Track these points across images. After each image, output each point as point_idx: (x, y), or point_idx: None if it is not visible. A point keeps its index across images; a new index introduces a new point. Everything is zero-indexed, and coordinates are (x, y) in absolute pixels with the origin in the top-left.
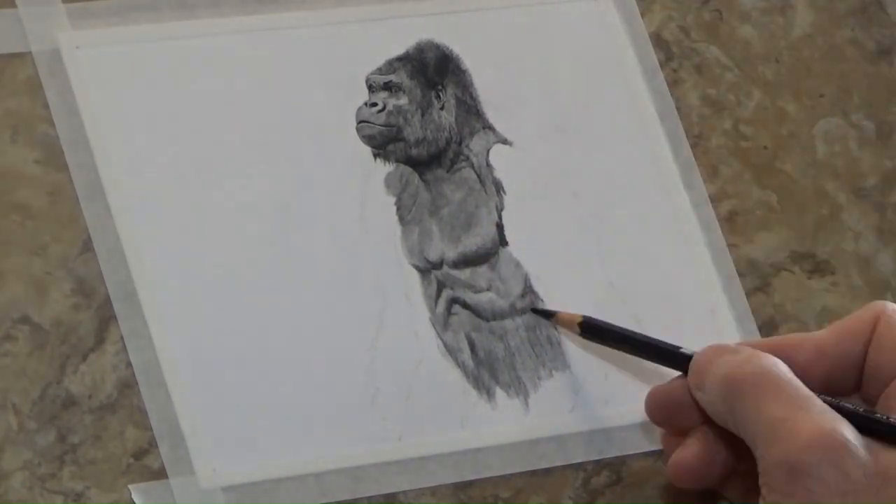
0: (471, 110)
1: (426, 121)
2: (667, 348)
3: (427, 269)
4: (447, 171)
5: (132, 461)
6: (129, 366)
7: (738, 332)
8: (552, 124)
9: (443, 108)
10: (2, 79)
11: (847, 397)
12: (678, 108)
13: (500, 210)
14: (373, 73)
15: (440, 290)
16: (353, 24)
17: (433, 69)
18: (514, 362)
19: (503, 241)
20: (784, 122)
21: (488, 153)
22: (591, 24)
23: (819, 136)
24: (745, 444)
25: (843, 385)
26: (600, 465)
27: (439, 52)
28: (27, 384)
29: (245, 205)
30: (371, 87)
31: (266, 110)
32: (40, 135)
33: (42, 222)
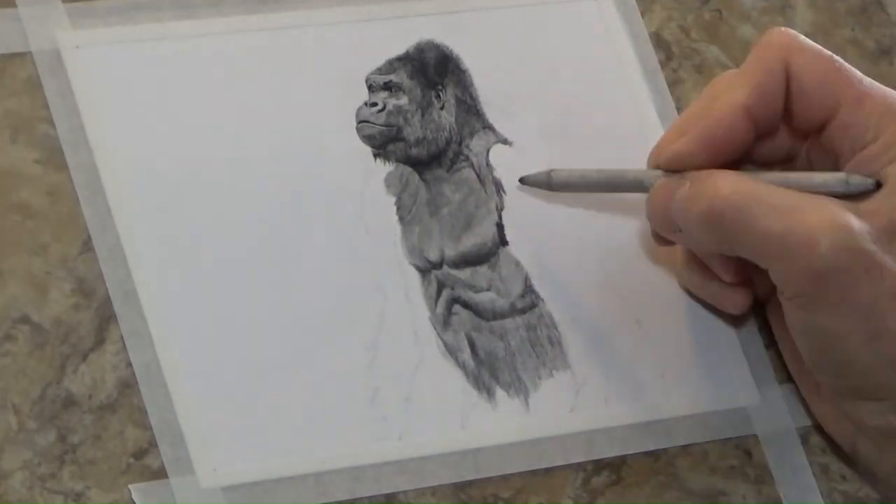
0: (471, 110)
1: (426, 121)
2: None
3: (427, 268)
4: (447, 171)
5: (132, 461)
6: (129, 366)
7: (738, 332)
8: (552, 124)
9: (443, 108)
10: (2, 79)
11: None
12: (678, 108)
13: (500, 210)
14: (373, 73)
15: (440, 290)
16: (353, 24)
17: (433, 69)
18: (515, 362)
19: (503, 241)
20: None
21: (488, 153)
22: (591, 24)
23: None
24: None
25: (771, 130)
26: (600, 465)
27: (439, 52)
28: (27, 384)
29: (245, 204)
30: (371, 87)
31: (266, 110)
32: (40, 135)
33: (42, 222)
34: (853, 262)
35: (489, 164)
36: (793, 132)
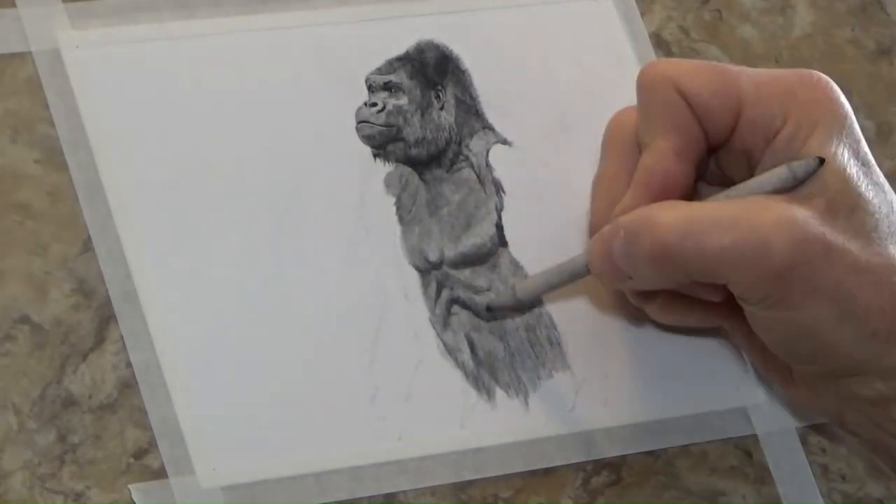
0: (470, 110)
1: (426, 121)
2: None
3: (427, 269)
4: (447, 171)
5: (132, 461)
6: (129, 366)
7: None
8: (552, 124)
9: (442, 109)
10: (2, 79)
11: None
12: None
13: (499, 210)
14: (373, 73)
15: (440, 290)
16: (353, 24)
17: (433, 69)
18: (514, 362)
19: (503, 241)
20: None
21: (488, 153)
22: (591, 24)
23: None
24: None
25: (704, 154)
26: (600, 465)
27: (439, 52)
28: (27, 384)
29: (245, 204)
30: (371, 87)
31: (266, 110)
32: (40, 135)
33: (42, 222)
34: (810, 252)
35: (489, 165)
36: (710, 147)
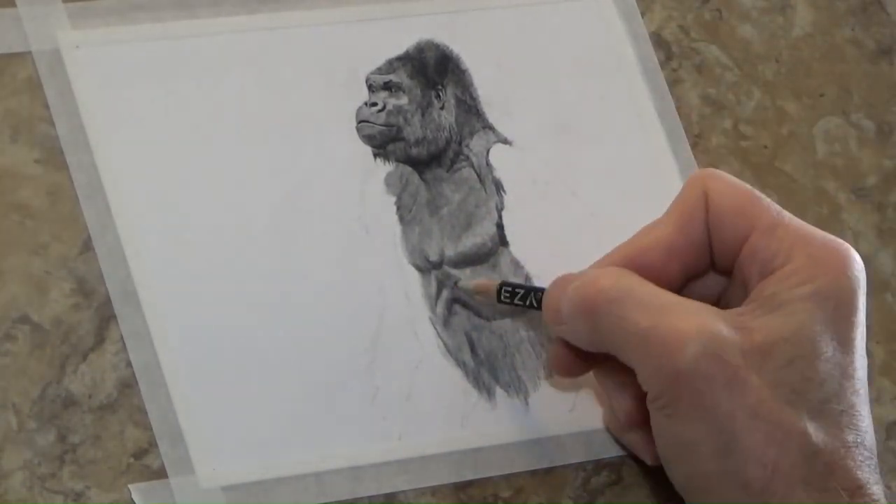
0: (471, 110)
1: (426, 120)
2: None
3: (427, 268)
4: (447, 171)
5: (132, 461)
6: (129, 366)
7: None
8: (552, 124)
9: (443, 108)
10: (2, 79)
11: (706, 275)
12: (678, 108)
13: (500, 210)
14: (373, 73)
15: (440, 290)
16: (353, 24)
17: (433, 69)
18: (515, 362)
19: (503, 241)
20: (784, 121)
21: (488, 153)
22: (591, 23)
23: (819, 136)
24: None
25: (700, 267)
26: (600, 465)
27: (439, 51)
28: (27, 384)
29: (245, 204)
30: (371, 87)
31: (266, 110)
32: (40, 135)
33: (42, 222)
34: (715, 371)
35: (489, 164)
36: (717, 270)
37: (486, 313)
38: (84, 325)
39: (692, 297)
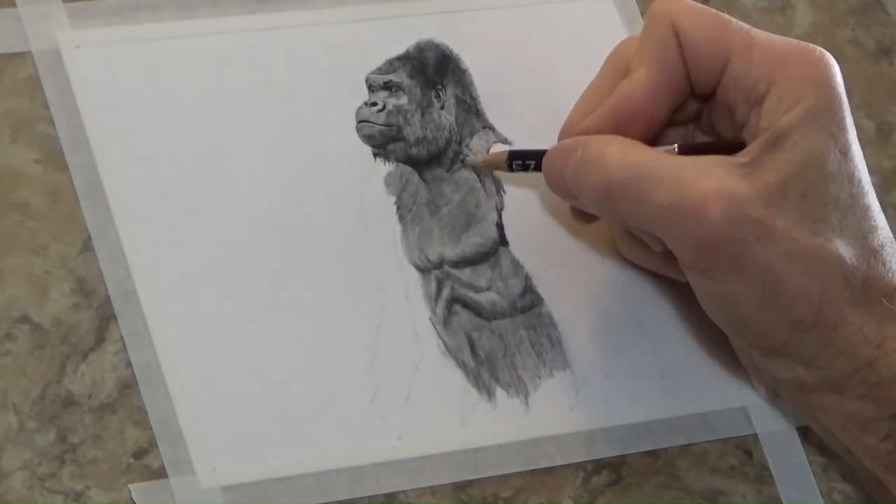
0: (471, 110)
1: (426, 120)
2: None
3: (427, 268)
4: (447, 171)
5: (132, 461)
6: (129, 366)
7: None
8: (552, 123)
9: (443, 108)
10: (2, 79)
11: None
12: None
13: (500, 210)
14: (373, 73)
15: (440, 290)
16: (353, 24)
17: (433, 69)
18: (515, 362)
19: (503, 241)
20: None
21: (488, 153)
22: (591, 24)
23: None
24: None
25: (682, 98)
26: (600, 465)
27: (439, 51)
28: (27, 384)
29: (245, 204)
30: (371, 87)
31: (266, 110)
32: (40, 135)
33: (42, 222)
34: (743, 231)
35: None
36: (694, 94)
37: (487, 313)
38: (84, 325)
39: (672, 124)
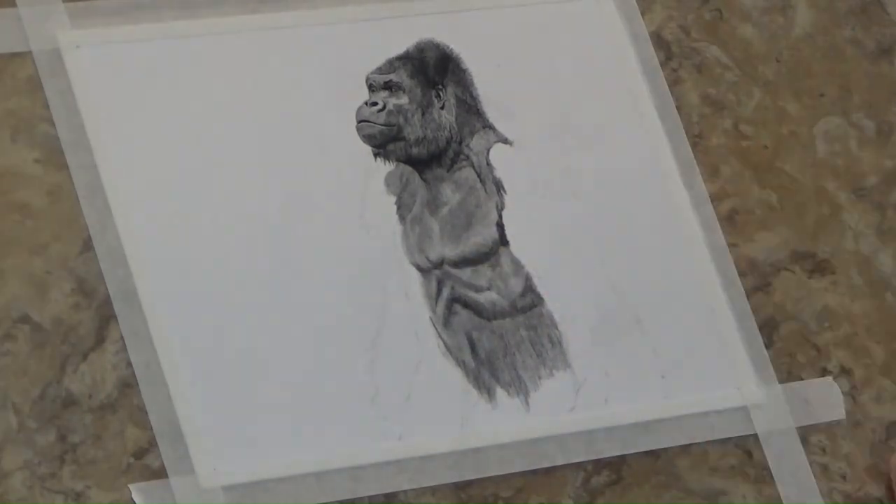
0: (471, 110)
1: (426, 120)
2: None
3: (427, 268)
4: (447, 171)
5: (132, 461)
6: (129, 366)
7: (738, 331)
8: (552, 124)
9: (443, 108)
10: (2, 79)
11: None
12: (678, 108)
13: (500, 209)
14: (373, 73)
15: (440, 290)
16: (353, 24)
17: (433, 68)
18: (515, 361)
19: (504, 241)
20: (784, 121)
21: (488, 152)
22: (591, 23)
23: (819, 136)
24: None
25: None
26: (600, 465)
27: (439, 51)
28: (27, 384)
29: (245, 204)
30: (371, 87)
31: (266, 109)
32: (40, 135)
33: (42, 222)
34: None
35: (489, 164)
36: None
37: (487, 313)
38: (84, 325)
39: None
